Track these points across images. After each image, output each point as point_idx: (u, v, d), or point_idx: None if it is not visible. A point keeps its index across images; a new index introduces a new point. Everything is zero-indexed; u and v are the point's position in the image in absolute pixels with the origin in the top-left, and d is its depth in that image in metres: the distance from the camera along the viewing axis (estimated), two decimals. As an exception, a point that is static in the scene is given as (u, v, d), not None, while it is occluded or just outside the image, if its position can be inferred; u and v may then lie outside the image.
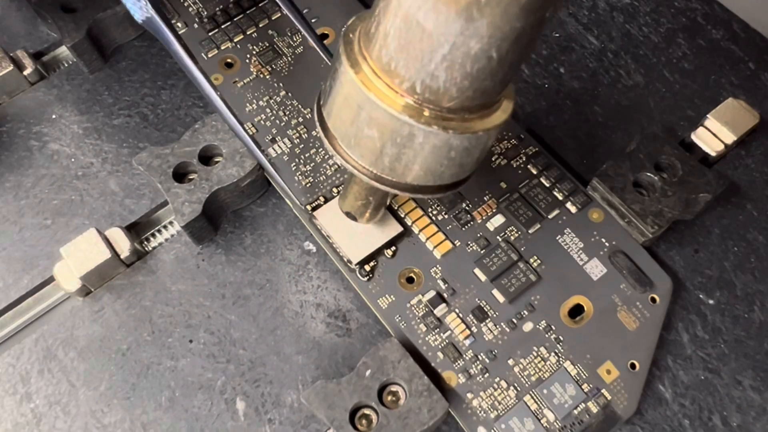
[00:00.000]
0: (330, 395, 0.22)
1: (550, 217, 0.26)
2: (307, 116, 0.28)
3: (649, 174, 0.26)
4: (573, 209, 0.26)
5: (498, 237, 0.25)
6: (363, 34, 0.18)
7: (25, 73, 0.29)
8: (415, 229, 0.26)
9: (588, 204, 0.26)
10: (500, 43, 0.16)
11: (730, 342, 0.25)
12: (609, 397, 0.23)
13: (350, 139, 0.19)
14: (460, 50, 0.16)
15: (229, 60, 0.29)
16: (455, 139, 0.18)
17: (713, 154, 0.27)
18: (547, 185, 0.26)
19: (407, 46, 0.17)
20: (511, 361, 0.23)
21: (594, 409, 0.23)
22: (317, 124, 0.21)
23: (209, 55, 0.29)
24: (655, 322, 0.24)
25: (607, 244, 0.25)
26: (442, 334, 0.24)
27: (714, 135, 0.27)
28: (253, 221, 0.27)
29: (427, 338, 0.24)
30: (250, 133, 0.27)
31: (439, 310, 0.24)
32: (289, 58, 0.29)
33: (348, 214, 0.25)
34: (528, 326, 0.24)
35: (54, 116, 0.29)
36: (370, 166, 0.20)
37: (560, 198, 0.26)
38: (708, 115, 0.27)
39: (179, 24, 0.30)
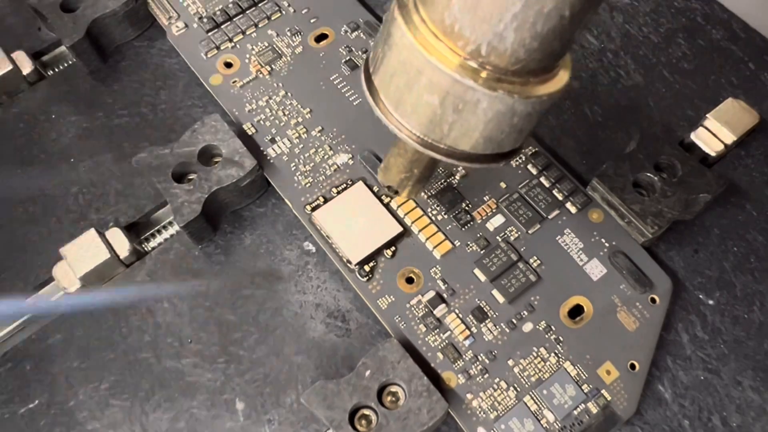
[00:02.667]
0: (329, 396, 0.22)
1: (549, 217, 0.26)
2: (307, 116, 0.28)
3: (648, 174, 0.26)
4: (573, 209, 0.26)
5: (498, 237, 0.25)
6: None
7: (25, 73, 0.29)
8: (415, 229, 0.26)
9: (588, 204, 0.26)
10: (575, 1, 0.15)
11: (730, 342, 0.24)
12: (609, 398, 0.23)
13: (406, 107, 0.19)
14: (533, 9, 0.15)
15: (228, 60, 0.29)
16: (519, 104, 0.17)
17: (713, 154, 0.27)
18: (547, 185, 0.26)
19: (474, 6, 0.16)
20: (510, 362, 0.23)
21: (594, 410, 0.23)
22: (366, 92, 0.20)
23: (208, 55, 0.29)
24: (654, 322, 0.24)
25: (606, 244, 0.25)
26: (441, 335, 0.24)
27: (714, 135, 0.27)
28: (253, 221, 0.27)
29: (426, 339, 0.24)
30: (249, 133, 0.27)
31: (439, 311, 0.24)
32: (289, 58, 0.29)
33: (389, 188, 0.24)
34: (528, 327, 0.24)
35: (53, 116, 0.29)
36: (425, 135, 0.19)
37: (560, 198, 0.26)
38: (708, 116, 0.27)
39: (179, 24, 0.30)
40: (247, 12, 0.30)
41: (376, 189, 0.26)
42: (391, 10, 0.18)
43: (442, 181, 0.26)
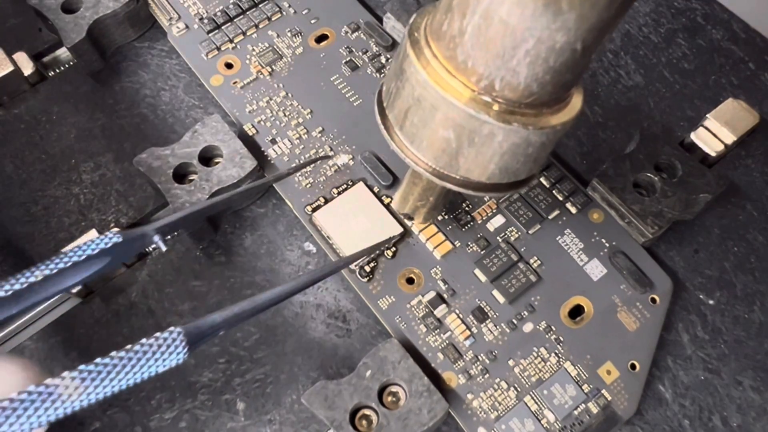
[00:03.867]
0: (330, 396, 0.22)
1: (550, 217, 0.26)
2: (307, 117, 0.28)
3: (649, 174, 0.26)
4: (573, 210, 0.26)
5: (498, 237, 0.25)
6: (431, 31, 0.18)
7: (26, 74, 0.29)
8: (416, 230, 0.26)
9: (588, 204, 0.26)
10: (586, 35, 0.15)
11: (730, 342, 0.25)
12: (609, 398, 0.23)
13: (421, 141, 0.19)
14: (545, 44, 0.15)
15: (229, 61, 0.29)
16: (534, 135, 0.18)
17: (713, 154, 0.27)
18: (547, 186, 0.26)
19: (487, 43, 0.16)
20: (511, 362, 0.23)
21: (594, 410, 0.23)
22: (381, 127, 0.20)
23: (209, 56, 0.29)
24: (655, 322, 0.24)
25: (607, 244, 0.25)
26: (442, 335, 0.24)
27: (714, 135, 0.27)
28: (253, 222, 0.27)
29: (427, 339, 0.24)
30: (250, 134, 0.27)
31: (440, 311, 0.24)
32: (289, 59, 0.29)
33: (405, 215, 0.25)
34: (528, 327, 0.24)
35: (54, 117, 0.29)
36: (442, 168, 0.19)
37: (560, 198, 0.26)
38: (708, 116, 0.27)
39: (179, 25, 0.30)
40: (248, 13, 0.30)
41: (376, 189, 0.26)
42: (403, 46, 0.18)
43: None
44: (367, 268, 0.25)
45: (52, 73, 0.30)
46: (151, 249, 0.26)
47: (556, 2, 0.15)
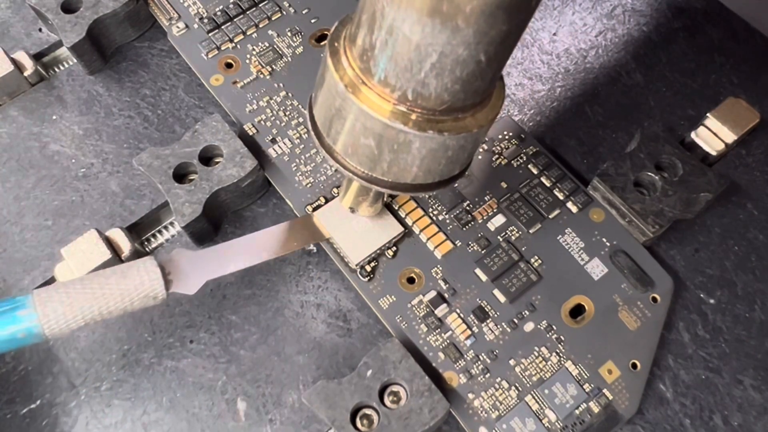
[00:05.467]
0: (331, 395, 0.22)
1: (550, 216, 0.26)
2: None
3: (649, 173, 0.26)
4: (574, 209, 0.26)
5: (499, 237, 0.25)
6: (348, 42, 0.18)
7: (26, 74, 0.29)
8: (416, 230, 0.26)
9: (589, 204, 0.26)
10: (488, 47, 0.16)
11: (731, 341, 0.25)
12: (610, 397, 0.23)
13: (347, 147, 0.20)
14: (449, 58, 0.16)
15: (229, 60, 0.29)
16: (451, 140, 0.18)
17: (714, 153, 0.27)
18: (548, 185, 0.26)
19: (395, 57, 0.17)
20: (512, 362, 0.23)
21: (595, 409, 0.23)
22: (311, 131, 0.21)
23: (209, 56, 0.29)
24: (656, 321, 0.24)
25: (608, 243, 0.25)
26: (443, 335, 0.24)
27: (714, 134, 0.27)
28: (254, 221, 0.27)
29: (428, 338, 0.24)
30: (250, 133, 0.27)
31: (440, 311, 0.24)
32: (289, 59, 0.29)
33: (350, 209, 0.25)
34: (529, 326, 0.24)
35: (54, 117, 0.29)
36: (369, 171, 0.20)
37: (561, 198, 0.26)
38: (708, 115, 0.27)
39: (179, 25, 0.30)
40: (248, 12, 0.30)
41: (377, 189, 0.26)
42: (324, 56, 0.19)
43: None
44: (368, 268, 0.25)
45: (52, 72, 0.30)
46: (150, 249, 0.26)
47: (452, 19, 0.15)
